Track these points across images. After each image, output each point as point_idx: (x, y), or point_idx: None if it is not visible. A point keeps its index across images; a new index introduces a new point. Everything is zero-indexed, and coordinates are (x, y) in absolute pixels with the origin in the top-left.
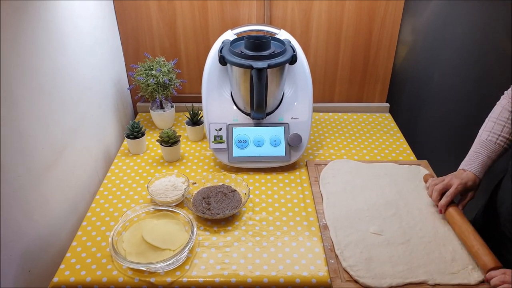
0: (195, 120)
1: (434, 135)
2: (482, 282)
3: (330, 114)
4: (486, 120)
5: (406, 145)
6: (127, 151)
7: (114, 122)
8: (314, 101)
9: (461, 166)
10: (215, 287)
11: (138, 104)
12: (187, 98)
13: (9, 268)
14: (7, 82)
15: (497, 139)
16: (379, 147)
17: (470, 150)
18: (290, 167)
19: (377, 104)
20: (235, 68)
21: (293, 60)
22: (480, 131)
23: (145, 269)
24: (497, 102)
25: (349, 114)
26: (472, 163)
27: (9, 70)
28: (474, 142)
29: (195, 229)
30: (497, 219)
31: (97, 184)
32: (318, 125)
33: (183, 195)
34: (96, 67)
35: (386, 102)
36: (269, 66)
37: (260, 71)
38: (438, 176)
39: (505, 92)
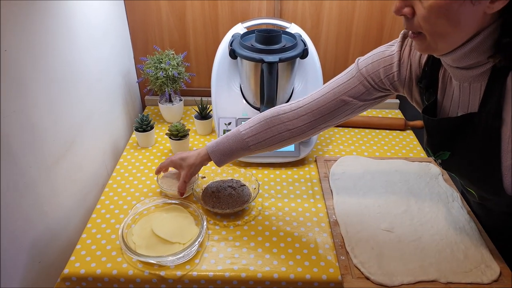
0: (204, 114)
1: None
2: (496, 281)
3: None
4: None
5: (416, 142)
6: (136, 144)
7: (122, 115)
8: None
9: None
10: (225, 281)
11: (146, 97)
12: (196, 92)
13: (20, 259)
14: (18, 74)
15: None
16: (389, 143)
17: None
18: (299, 163)
19: (387, 100)
20: (245, 61)
21: (304, 54)
22: None
23: (155, 262)
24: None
25: None
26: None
27: (19, 62)
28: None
29: (205, 223)
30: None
31: (105, 177)
32: None
33: (192, 188)
34: (104, 60)
35: (396, 98)
36: (280, 60)
37: (271, 65)
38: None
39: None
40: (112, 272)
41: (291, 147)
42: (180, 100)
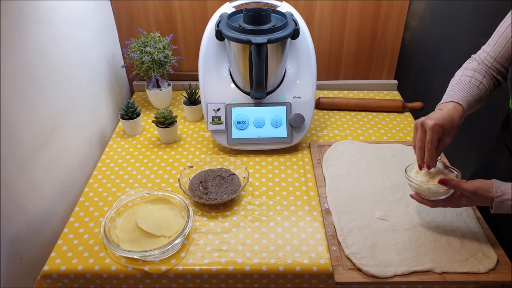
0: (193, 100)
1: None
2: (493, 270)
3: (336, 92)
4: (461, 69)
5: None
6: (123, 132)
7: (109, 102)
8: (318, 79)
9: (439, 104)
10: (211, 275)
11: (134, 83)
12: (185, 76)
13: (0, 255)
14: None
15: (470, 80)
16: (385, 126)
17: (449, 90)
18: (292, 149)
19: (384, 81)
20: (233, 43)
21: (295, 34)
22: (457, 76)
23: (138, 257)
24: (469, 60)
25: (355, 92)
26: (450, 95)
27: None
28: (452, 85)
29: (191, 215)
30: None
31: (92, 167)
32: None
33: None
34: (85, 43)
35: (394, 79)
36: (269, 41)
37: (259, 46)
38: (447, 158)
39: (472, 56)
40: (94, 268)
41: (283, 133)
42: (169, 85)
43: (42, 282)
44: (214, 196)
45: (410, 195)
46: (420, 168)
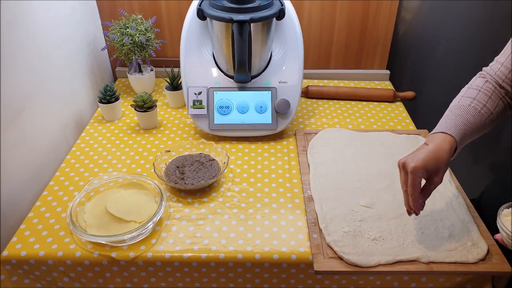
0: (175, 84)
1: (437, 104)
2: (482, 260)
3: (326, 81)
4: (465, 88)
5: (405, 114)
6: (101, 117)
7: (88, 86)
8: (308, 68)
9: (430, 133)
10: (183, 263)
11: (117, 69)
12: (170, 62)
13: None
14: None
15: (470, 103)
16: (376, 115)
17: (445, 115)
18: (277, 136)
19: (376, 71)
20: (215, 23)
21: (280, 14)
22: (458, 97)
23: (105, 242)
24: (477, 75)
25: (346, 81)
26: (443, 124)
27: None
28: (450, 108)
29: (164, 200)
30: None
31: (66, 152)
32: None
33: None
34: (64, 24)
35: (387, 69)
36: (252, 20)
37: (241, 25)
38: None
39: (484, 68)
40: (57, 254)
41: (267, 119)
42: (151, 70)
43: (0, 269)
44: (191, 181)
45: None
46: (409, 213)
